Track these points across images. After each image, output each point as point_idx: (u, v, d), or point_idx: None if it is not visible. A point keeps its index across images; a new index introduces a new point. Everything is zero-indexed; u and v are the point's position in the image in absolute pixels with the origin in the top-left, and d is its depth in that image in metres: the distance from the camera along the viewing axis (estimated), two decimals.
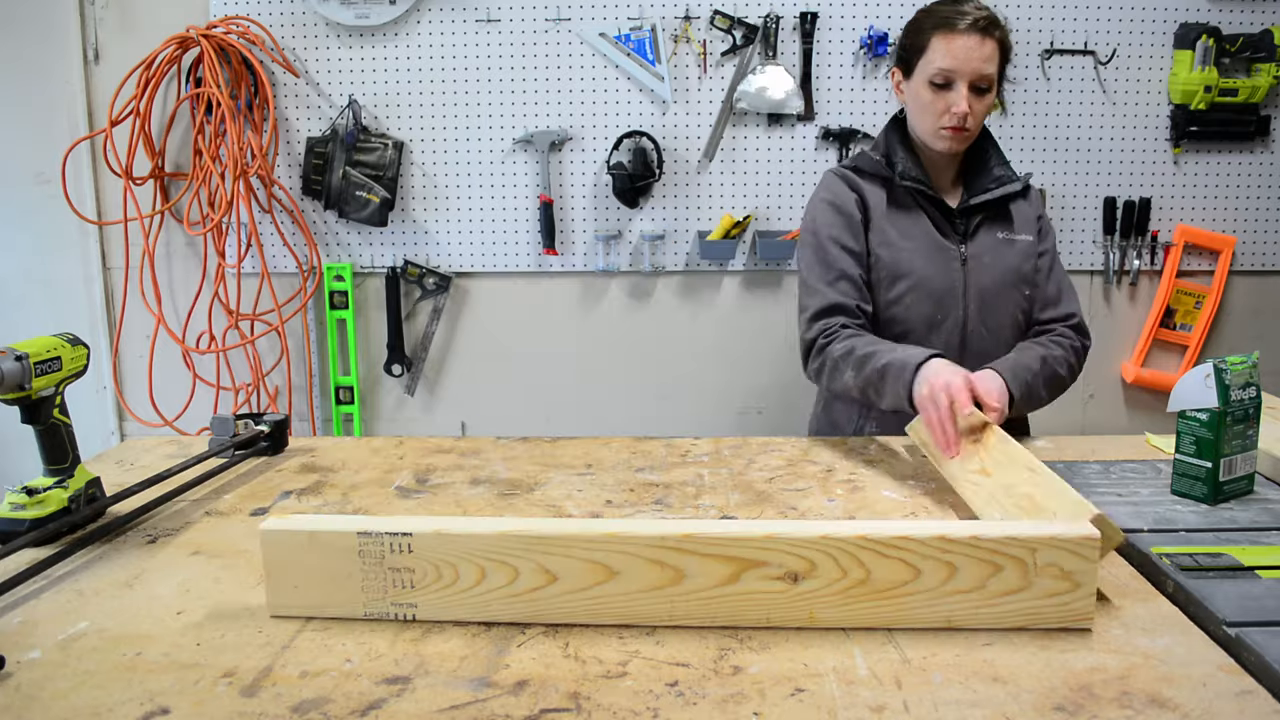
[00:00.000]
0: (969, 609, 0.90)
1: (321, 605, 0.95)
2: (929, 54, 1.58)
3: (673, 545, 0.91)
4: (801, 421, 1.94)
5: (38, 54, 2.74)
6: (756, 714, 0.79)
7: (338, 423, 2.89)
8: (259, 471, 1.45)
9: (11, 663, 0.87)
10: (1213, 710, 0.78)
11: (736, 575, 0.91)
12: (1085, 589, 0.90)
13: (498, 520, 0.95)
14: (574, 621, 0.92)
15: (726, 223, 2.69)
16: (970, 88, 1.56)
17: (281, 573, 0.95)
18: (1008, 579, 0.90)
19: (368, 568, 0.93)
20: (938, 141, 1.62)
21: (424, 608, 0.94)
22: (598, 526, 0.93)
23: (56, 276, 2.87)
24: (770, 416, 2.81)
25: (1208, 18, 2.65)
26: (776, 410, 2.80)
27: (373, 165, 2.70)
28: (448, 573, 0.93)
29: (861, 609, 0.91)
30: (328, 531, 0.94)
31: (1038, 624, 0.90)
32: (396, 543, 0.92)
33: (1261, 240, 2.79)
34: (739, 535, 0.90)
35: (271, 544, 0.95)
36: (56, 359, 1.15)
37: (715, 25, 2.66)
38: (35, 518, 1.13)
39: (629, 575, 0.91)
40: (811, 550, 0.90)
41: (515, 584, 0.92)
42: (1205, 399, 1.19)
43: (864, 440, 1.57)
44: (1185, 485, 1.23)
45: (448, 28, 2.70)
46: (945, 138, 1.60)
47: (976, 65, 1.55)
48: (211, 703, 0.81)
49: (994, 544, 0.89)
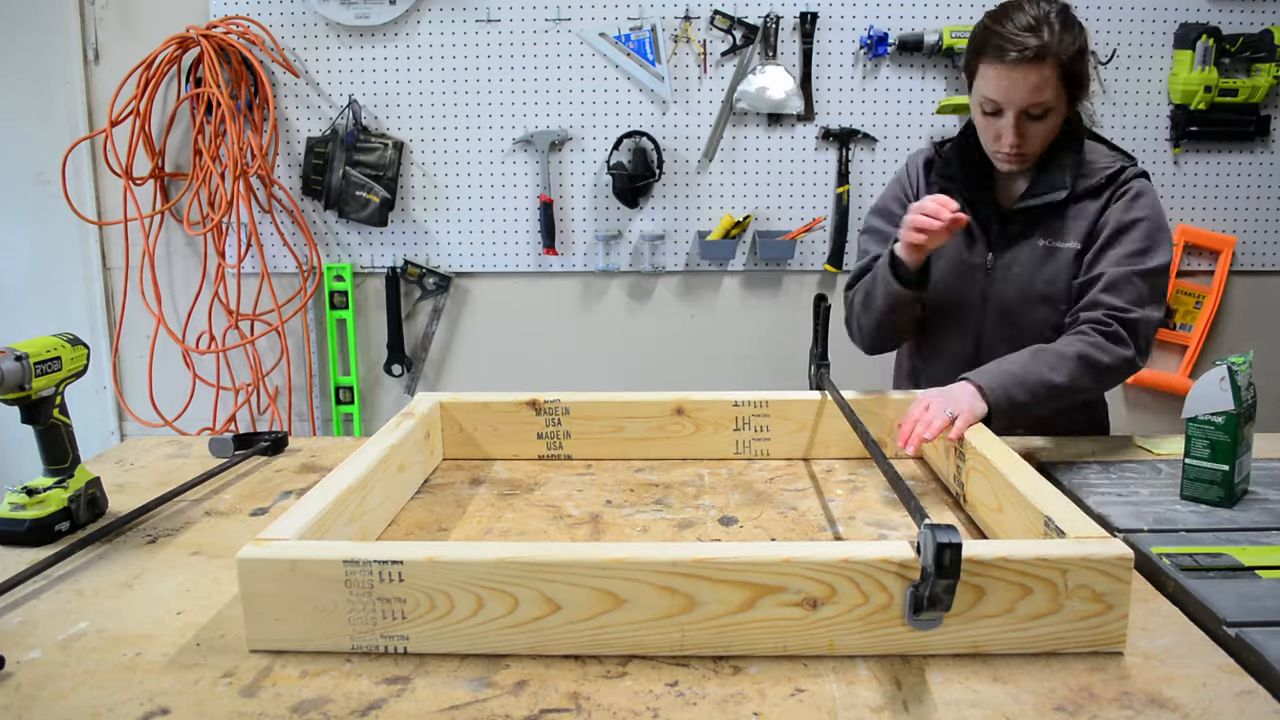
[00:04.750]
0: (996, 633, 0.87)
1: (305, 639, 0.89)
2: (979, 80, 1.50)
3: (683, 571, 0.86)
4: None
5: (38, 54, 2.74)
6: (756, 714, 0.79)
7: (338, 423, 2.89)
8: (259, 471, 1.45)
9: (11, 663, 0.87)
10: (1213, 710, 0.78)
11: (751, 601, 0.86)
12: (1118, 610, 0.86)
13: (495, 546, 0.91)
14: (578, 653, 0.88)
15: (726, 223, 2.70)
16: (1022, 114, 1.46)
17: (260, 604, 0.88)
18: (1037, 602, 0.86)
19: (355, 598, 0.87)
20: (996, 162, 1.55)
21: (416, 640, 0.88)
22: (603, 552, 0.89)
23: (56, 276, 2.87)
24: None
25: (1208, 18, 2.65)
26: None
27: (373, 165, 2.70)
28: (442, 603, 0.87)
29: (884, 636, 0.87)
30: (311, 560, 0.88)
31: (1068, 648, 0.87)
32: (386, 571, 0.86)
33: (1261, 240, 2.78)
34: (754, 559, 0.86)
35: (249, 574, 0.88)
36: (56, 359, 1.15)
37: (715, 25, 2.66)
38: (35, 518, 1.13)
39: (637, 603, 0.86)
40: (831, 574, 0.86)
41: (515, 614, 0.87)
42: (1222, 402, 1.19)
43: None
44: (1199, 490, 1.21)
45: (448, 28, 2.70)
46: (1001, 160, 1.53)
47: (1024, 97, 1.44)
48: (211, 703, 0.81)
49: (1023, 565, 0.85)
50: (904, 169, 1.72)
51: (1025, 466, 1.12)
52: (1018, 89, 1.44)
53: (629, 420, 1.45)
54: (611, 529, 1.19)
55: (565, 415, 1.46)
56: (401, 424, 1.34)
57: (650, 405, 1.45)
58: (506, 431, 1.47)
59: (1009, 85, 1.44)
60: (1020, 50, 1.42)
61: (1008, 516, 1.09)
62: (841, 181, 2.74)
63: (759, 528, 1.18)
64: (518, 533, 1.18)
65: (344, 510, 1.07)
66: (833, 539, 1.15)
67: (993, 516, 1.14)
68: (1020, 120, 1.47)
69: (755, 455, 1.46)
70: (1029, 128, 1.48)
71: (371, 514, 1.16)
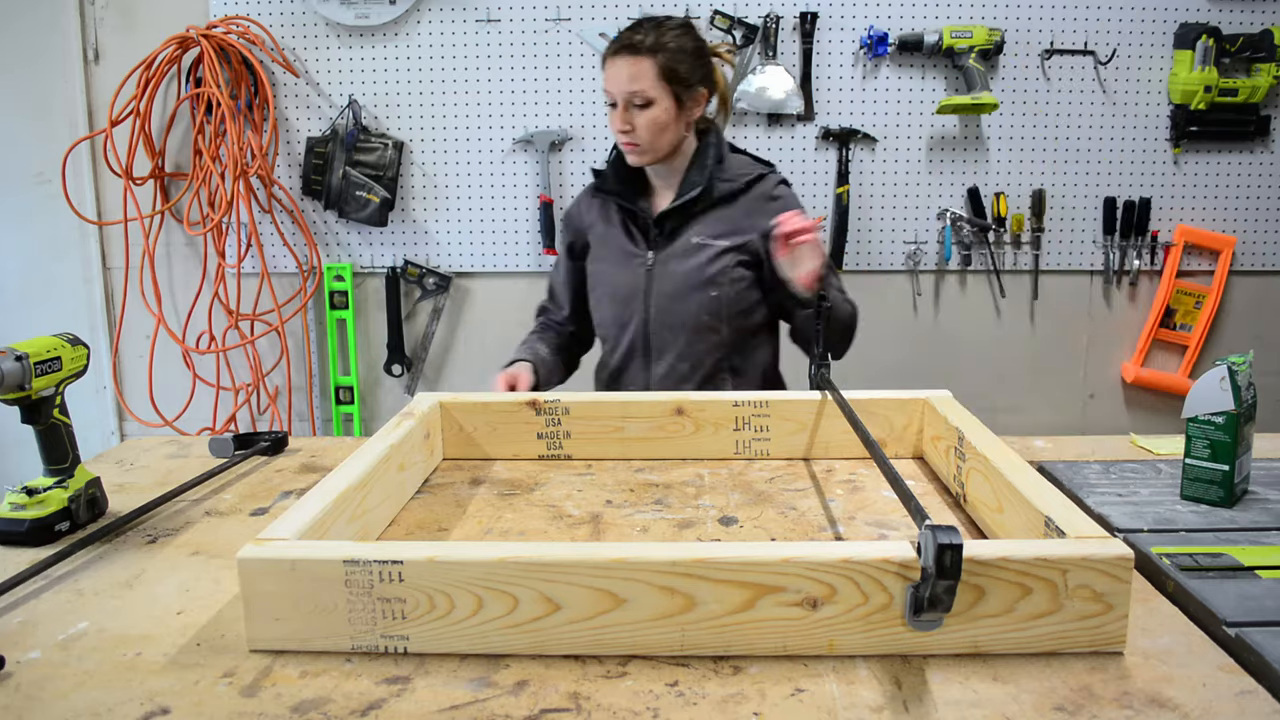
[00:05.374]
0: (996, 633, 0.87)
1: (305, 639, 0.89)
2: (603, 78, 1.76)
3: (683, 571, 0.86)
4: None
5: (38, 54, 2.74)
6: (756, 714, 0.79)
7: (338, 423, 2.89)
8: (259, 471, 1.45)
9: (11, 663, 0.87)
10: (1213, 710, 0.78)
11: (751, 601, 0.86)
12: (1118, 611, 0.86)
13: (495, 546, 0.91)
14: (578, 653, 0.88)
15: None
16: (629, 104, 1.72)
17: (260, 604, 0.88)
18: (1037, 602, 0.86)
19: (355, 598, 0.87)
20: (627, 156, 1.78)
21: (416, 640, 0.88)
22: (603, 552, 0.89)
23: (56, 276, 2.87)
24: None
25: (1208, 18, 2.65)
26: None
27: (373, 165, 2.71)
28: (442, 602, 0.87)
29: (884, 636, 0.87)
30: (311, 560, 0.88)
31: (1068, 648, 0.87)
32: (386, 571, 0.87)
33: (1261, 240, 2.79)
34: (754, 559, 0.86)
35: (249, 573, 0.88)
36: (56, 359, 1.15)
37: (715, 25, 2.66)
38: (35, 518, 1.13)
39: (637, 603, 0.86)
40: (831, 574, 0.86)
41: (515, 613, 0.87)
42: (1222, 402, 1.19)
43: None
44: (1199, 490, 1.21)
45: (448, 28, 2.70)
46: (628, 152, 1.77)
47: (624, 85, 1.71)
48: (211, 703, 0.81)
49: (1023, 565, 0.85)
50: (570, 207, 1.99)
51: (1025, 466, 1.12)
52: (619, 78, 1.71)
53: (629, 420, 1.45)
54: (611, 529, 1.19)
55: (565, 415, 1.46)
56: (401, 424, 1.34)
57: (650, 405, 1.45)
58: (506, 431, 1.47)
59: (612, 75, 1.72)
60: (620, 44, 1.72)
61: (1008, 517, 1.09)
62: (841, 181, 2.74)
63: (759, 528, 1.18)
64: (518, 533, 1.18)
65: (344, 510, 1.06)
66: (833, 539, 1.15)
67: (993, 516, 1.14)
68: (628, 109, 1.72)
69: (755, 455, 1.46)
70: (635, 117, 1.72)
71: (372, 514, 1.16)
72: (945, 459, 1.34)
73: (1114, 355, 2.87)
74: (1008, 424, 2.92)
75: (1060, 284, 2.83)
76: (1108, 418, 2.88)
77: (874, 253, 2.81)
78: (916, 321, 2.86)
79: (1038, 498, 1.02)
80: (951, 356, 2.86)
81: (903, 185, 2.78)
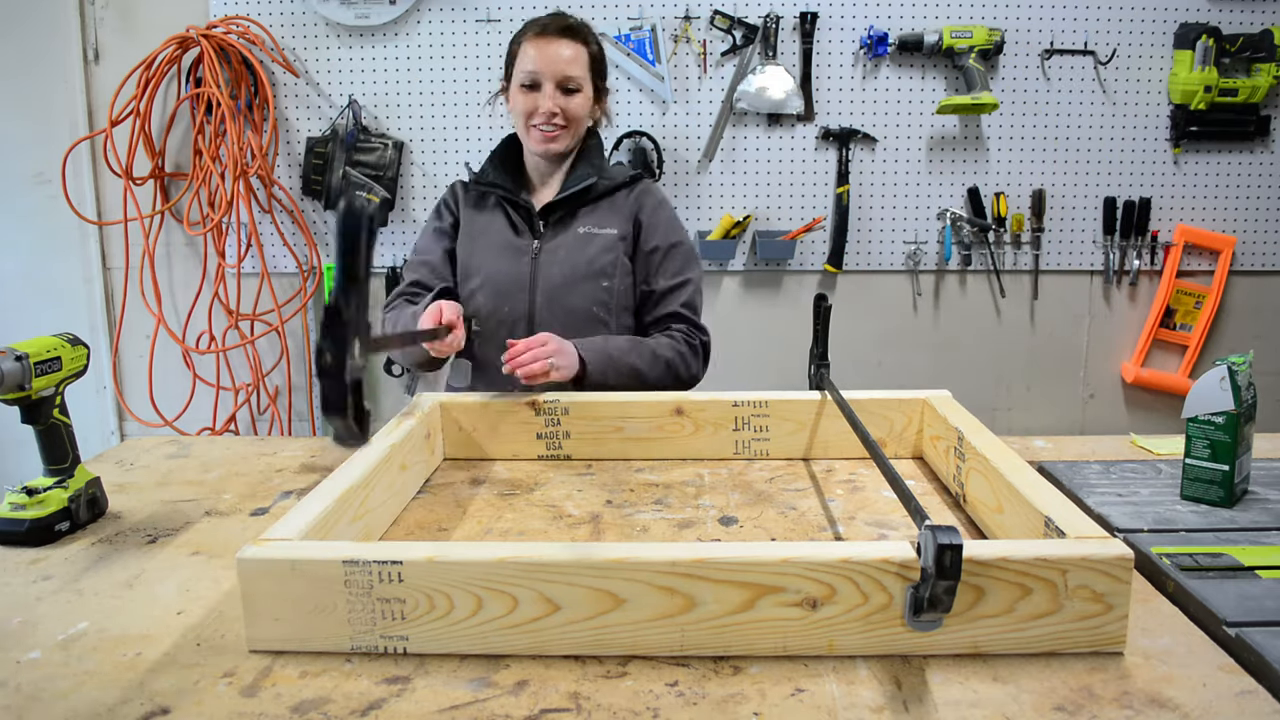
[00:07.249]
0: (996, 634, 0.87)
1: (304, 639, 0.89)
2: (520, 61, 1.72)
3: (683, 571, 0.86)
4: None
5: (38, 54, 2.74)
6: (756, 714, 0.79)
7: None
8: (259, 471, 1.45)
9: (11, 663, 0.87)
10: (1213, 710, 0.78)
11: (751, 602, 0.86)
12: (1118, 611, 0.86)
13: (495, 546, 0.91)
14: (578, 653, 0.88)
15: (726, 223, 2.70)
16: (558, 88, 1.69)
17: (260, 604, 0.88)
18: (1037, 602, 0.86)
19: (354, 598, 0.87)
20: (533, 143, 1.73)
21: (416, 640, 0.88)
22: (602, 552, 0.89)
23: (56, 276, 2.87)
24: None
25: (1208, 18, 2.65)
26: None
27: (373, 165, 2.70)
28: (441, 603, 0.87)
29: (884, 636, 0.87)
30: (310, 560, 0.88)
31: (1068, 648, 0.87)
32: (385, 571, 0.87)
33: (1261, 240, 2.79)
34: (754, 559, 0.86)
35: (249, 574, 0.88)
36: (56, 359, 1.15)
37: (715, 25, 2.66)
38: (35, 518, 1.13)
39: (637, 603, 0.86)
40: (831, 574, 0.86)
41: (515, 614, 0.87)
42: (1222, 402, 1.19)
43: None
44: (1199, 490, 1.21)
45: (447, 28, 2.70)
46: (539, 139, 1.72)
47: (560, 67, 1.68)
48: (211, 703, 0.81)
49: (1023, 565, 0.85)
50: (444, 194, 1.87)
51: (1025, 466, 1.12)
52: (556, 59, 1.68)
53: (628, 420, 1.45)
54: (611, 529, 1.19)
55: (565, 415, 1.46)
56: (402, 424, 1.34)
57: (650, 405, 1.45)
58: (506, 431, 1.47)
59: (547, 55, 1.68)
60: (560, 26, 1.70)
61: (1008, 517, 1.09)
62: (841, 181, 2.74)
63: (759, 528, 1.18)
64: (518, 533, 1.18)
65: (347, 510, 1.07)
66: (833, 539, 1.15)
67: (993, 517, 1.14)
68: (557, 93, 1.69)
69: (755, 455, 1.46)
70: (564, 102, 1.70)
71: (374, 513, 1.16)
72: (945, 459, 1.34)
73: (1114, 355, 2.87)
74: (1008, 424, 2.94)
75: (1060, 284, 2.83)
76: (1108, 418, 2.88)
77: (874, 253, 2.81)
78: (916, 321, 2.86)
79: (1037, 498, 1.02)
80: (951, 356, 2.86)
81: (903, 185, 2.78)
